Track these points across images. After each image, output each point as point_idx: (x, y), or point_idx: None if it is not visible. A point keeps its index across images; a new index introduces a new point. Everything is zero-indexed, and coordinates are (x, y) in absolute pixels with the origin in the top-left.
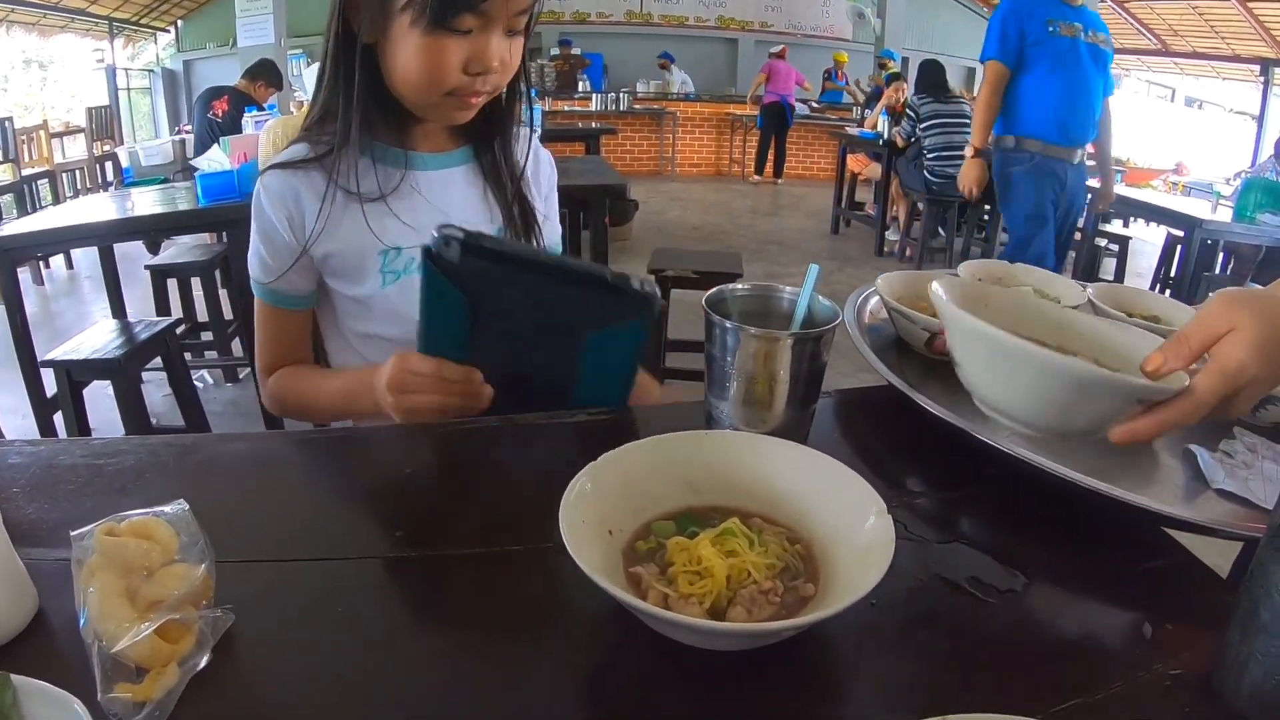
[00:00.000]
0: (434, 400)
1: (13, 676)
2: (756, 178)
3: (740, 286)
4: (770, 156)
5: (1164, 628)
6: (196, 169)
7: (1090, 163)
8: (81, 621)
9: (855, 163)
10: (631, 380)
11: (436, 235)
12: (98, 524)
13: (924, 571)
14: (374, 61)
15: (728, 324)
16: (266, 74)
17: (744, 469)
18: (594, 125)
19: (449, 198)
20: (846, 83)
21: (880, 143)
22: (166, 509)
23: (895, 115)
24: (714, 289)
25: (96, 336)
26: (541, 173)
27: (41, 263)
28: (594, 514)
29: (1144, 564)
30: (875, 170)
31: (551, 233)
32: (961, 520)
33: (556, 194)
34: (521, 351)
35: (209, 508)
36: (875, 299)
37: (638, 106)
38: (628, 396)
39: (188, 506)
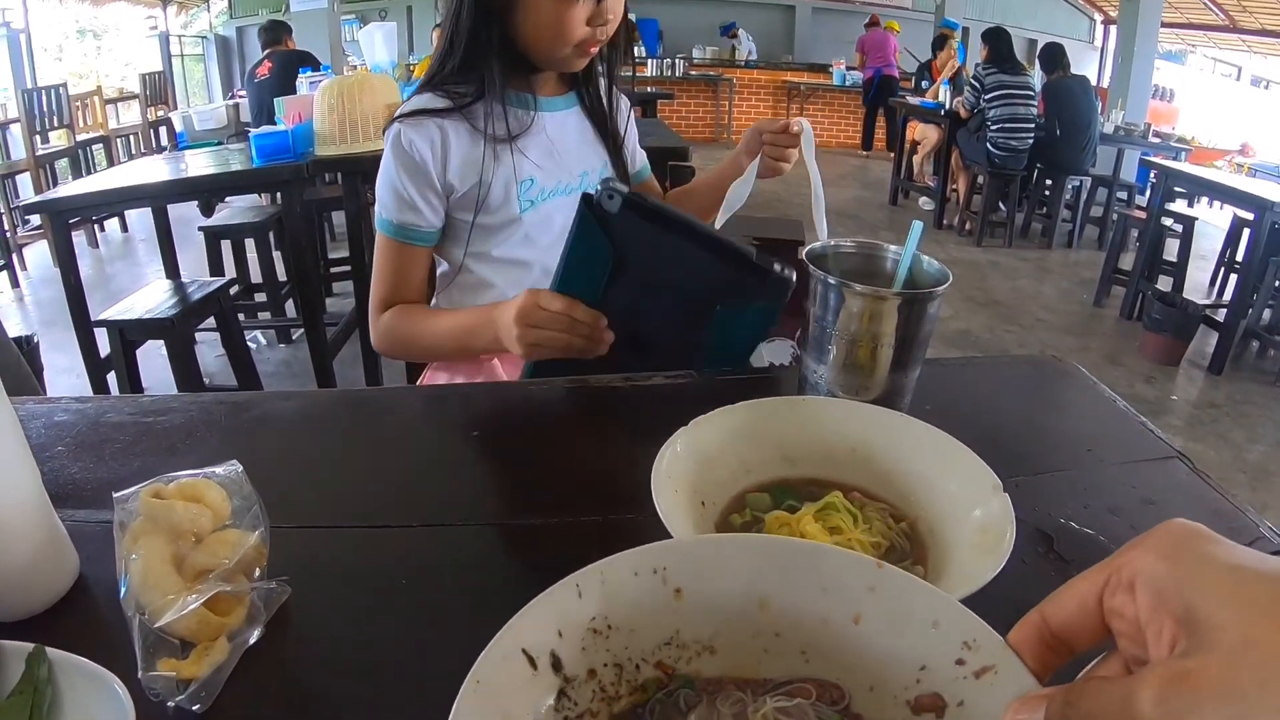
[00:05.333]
0: (560, 338)
1: (49, 650)
2: (864, 153)
3: (844, 242)
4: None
5: None
6: (251, 131)
7: None
8: (122, 591)
9: (913, 130)
10: (745, 359)
11: (600, 188)
12: (143, 485)
13: (1030, 553)
14: (503, 21)
15: (830, 280)
16: (281, 29)
17: (843, 439)
18: (650, 89)
19: (566, 135)
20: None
21: (942, 113)
22: (218, 470)
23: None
24: (815, 243)
25: (150, 297)
26: (621, 108)
27: (96, 225)
28: (686, 484)
29: None
30: (928, 137)
31: (640, 157)
32: (1069, 502)
33: (635, 127)
34: (651, 310)
35: (263, 469)
36: None
37: (694, 73)
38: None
39: (241, 468)
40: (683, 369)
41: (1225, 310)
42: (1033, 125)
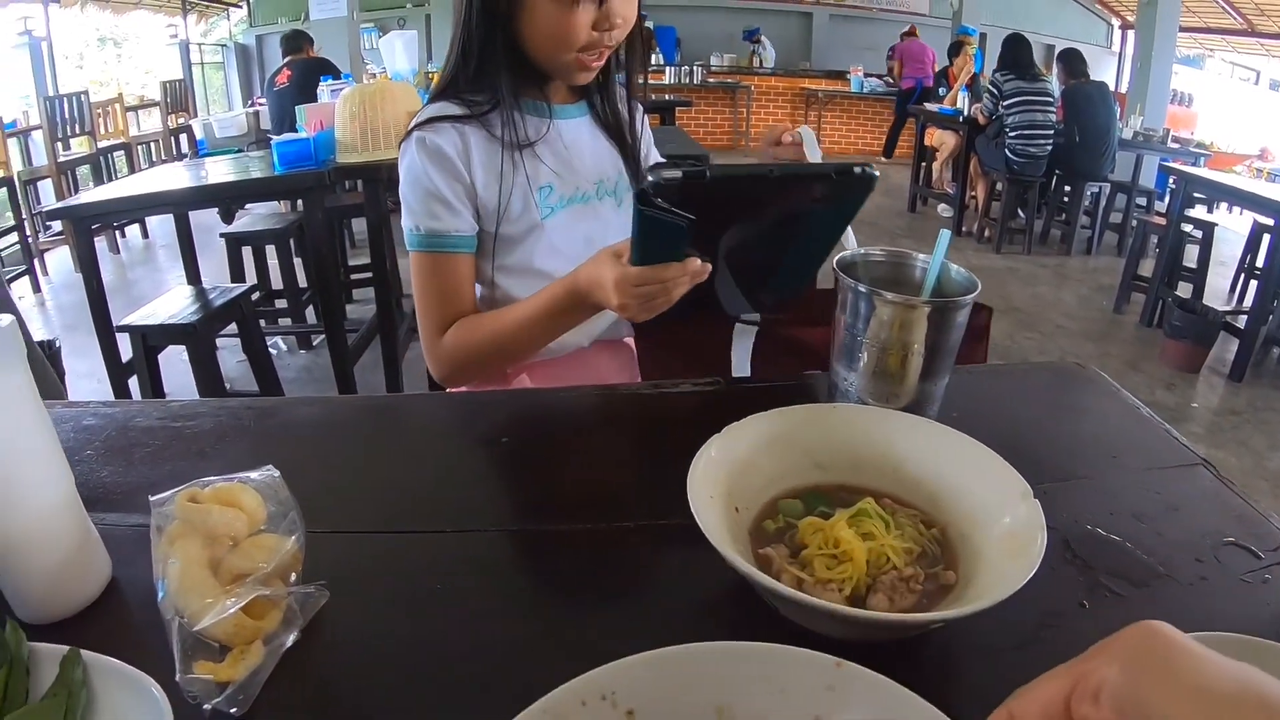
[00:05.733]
0: (660, 302)
1: (83, 653)
2: (883, 159)
3: (873, 251)
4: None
5: None
6: (273, 139)
7: None
8: (160, 594)
9: (931, 137)
10: (820, 262)
11: (652, 177)
12: (179, 489)
13: (1056, 560)
14: (509, 27)
15: (861, 288)
16: (302, 38)
17: (874, 445)
18: (667, 97)
19: (581, 142)
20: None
21: (960, 119)
22: (254, 475)
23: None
24: (845, 252)
25: (172, 302)
26: (636, 115)
27: (118, 232)
28: (720, 489)
29: None
30: (945, 143)
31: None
32: (1094, 508)
33: (649, 134)
34: (736, 249)
35: (291, 474)
36: None
37: (712, 80)
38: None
39: (278, 473)
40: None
41: (1246, 317)
42: (1051, 131)
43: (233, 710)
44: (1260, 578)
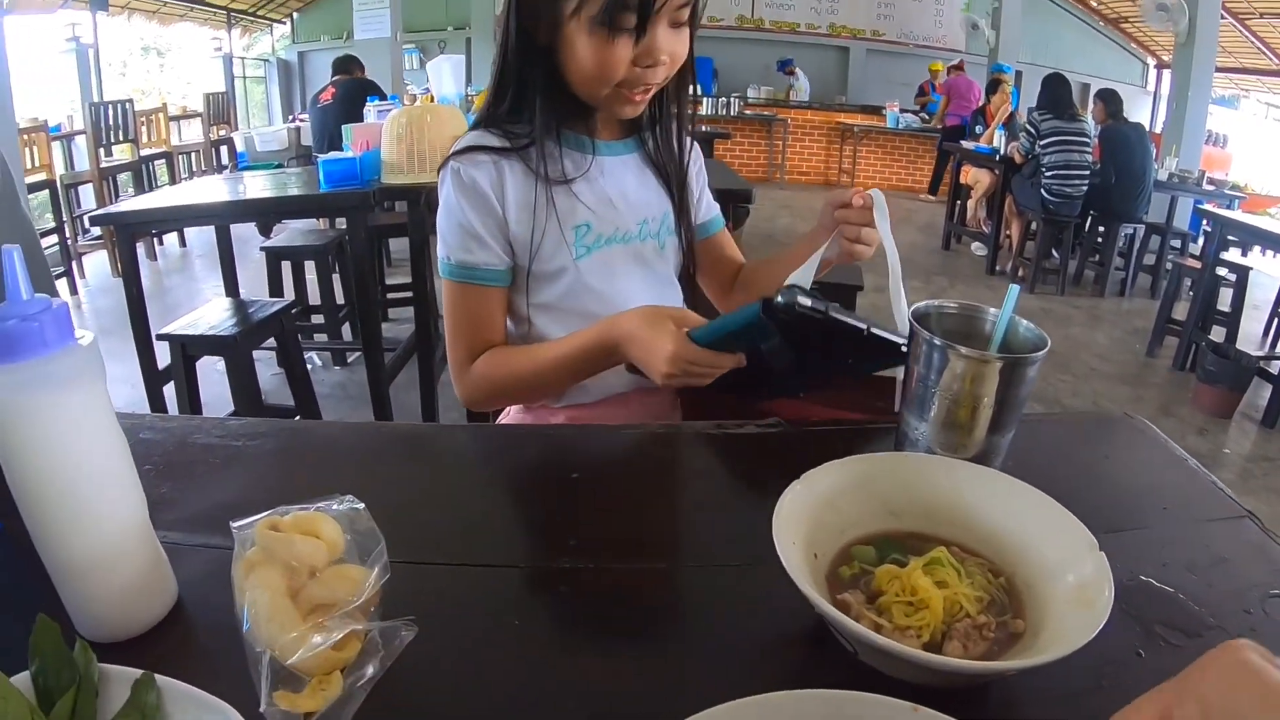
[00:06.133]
0: (703, 382)
1: (158, 678)
2: (929, 197)
3: (945, 304)
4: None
5: None
6: (318, 156)
7: None
8: (245, 625)
9: (966, 175)
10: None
11: (784, 298)
12: (260, 516)
13: (1113, 609)
14: (549, 60)
15: (936, 341)
16: (352, 62)
17: (944, 494)
18: (704, 129)
19: (625, 181)
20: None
21: (996, 158)
22: (334, 505)
23: (1010, 129)
24: (920, 303)
25: (212, 313)
26: (688, 154)
27: (156, 239)
28: (801, 533)
29: None
30: (980, 181)
31: (710, 209)
32: (1147, 559)
33: (705, 175)
34: (785, 368)
35: (364, 500)
36: None
37: (748, 112)
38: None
39: (361, 505)
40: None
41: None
42: (1087, 172)
43: None
44: None
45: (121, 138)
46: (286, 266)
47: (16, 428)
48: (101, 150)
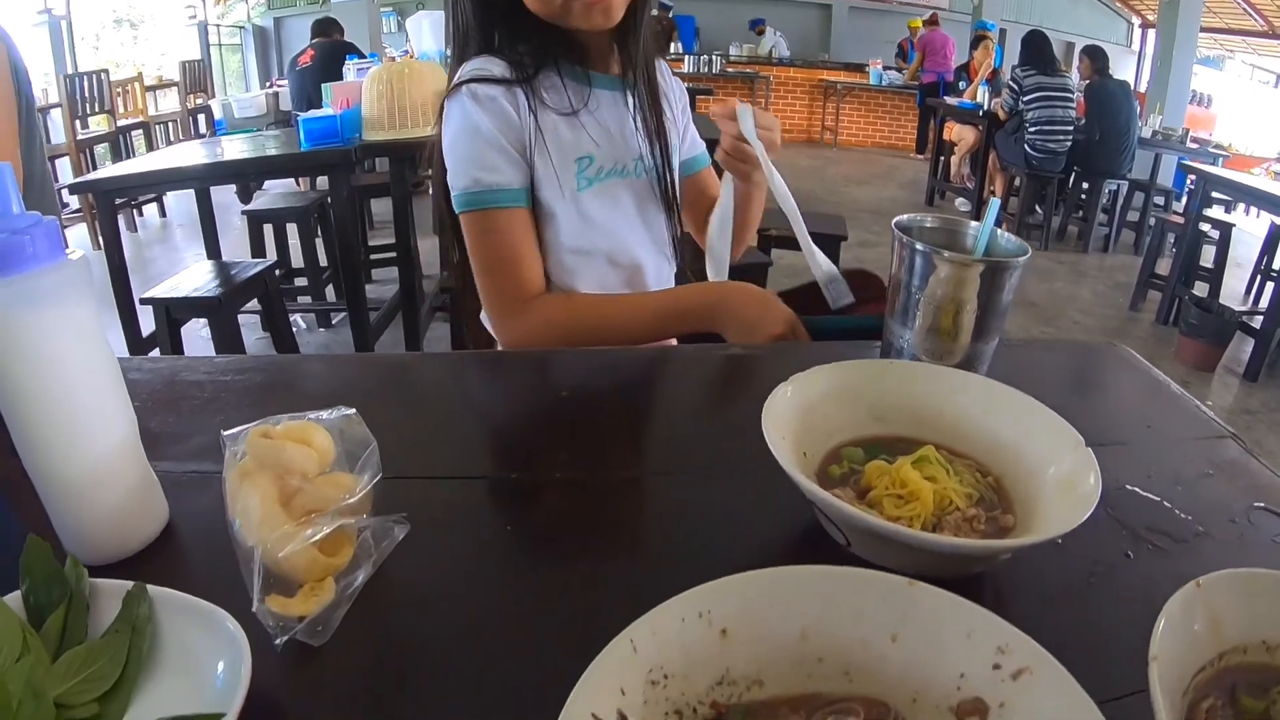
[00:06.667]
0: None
1: (149, 587)
2: (918, 156)
3: (927, 218)
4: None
5: None
6: (298, 115)
7: None
8: (235, 526)
9: (950, 131)
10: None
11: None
12: (251, 425)
13: (1099, 515)
14: None
15: (919, 246)
16: (332, 25)
17: (931, 400)
18: (688, 86)
19: (621, 116)
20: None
21: (980, 114)
22: (324, 414)
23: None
24: (904, 215)
25: (195, 276)
26: (673, 90)
27: (135, 210)
28: (790, 433)
29: None
30: (964, 138)
31: (695, 145)
32: (1132, 471)
33: (690, 114)
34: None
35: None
36: None
37: (730, 70)
38: None
39: (353, 411)
40: None
41: (1262, 317)
42: (1071, 128)
43: (312, 642)
44: None
45: (97, 109)
46: (269, 230)
47: (7, 342)
48: (77, 122)
